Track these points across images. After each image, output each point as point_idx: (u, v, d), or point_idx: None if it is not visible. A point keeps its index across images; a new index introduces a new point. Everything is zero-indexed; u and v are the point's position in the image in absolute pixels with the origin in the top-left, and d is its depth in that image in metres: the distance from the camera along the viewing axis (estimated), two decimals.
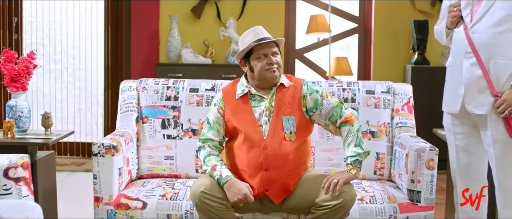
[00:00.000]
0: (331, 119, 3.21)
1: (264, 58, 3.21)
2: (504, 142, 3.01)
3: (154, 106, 3.80)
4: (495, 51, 2.97)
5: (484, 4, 3.01)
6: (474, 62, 3.02)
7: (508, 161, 3.02)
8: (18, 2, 6.38)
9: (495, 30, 2.98)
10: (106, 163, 3.33)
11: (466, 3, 3.09)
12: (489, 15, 3.00)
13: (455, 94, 3.13)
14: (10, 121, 3.36)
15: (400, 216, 3.27)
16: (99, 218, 3.34)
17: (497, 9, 2.98)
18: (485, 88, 3.00)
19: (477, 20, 3.03)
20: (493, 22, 2.99)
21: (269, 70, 3.20)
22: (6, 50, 3.47)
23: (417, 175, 3.30)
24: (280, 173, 3.11)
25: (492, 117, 3.00)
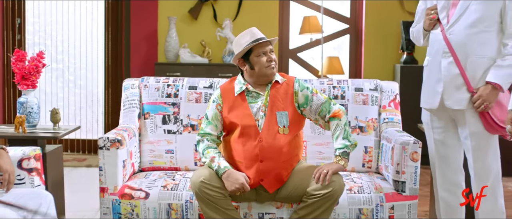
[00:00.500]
0: (320, 114, 3.42)
1: (264, 56, 3.42)
2: (479, 134, 3.24)
3: (155, 103, 4.00)
4: (471, 51, 3.19)
5: (459, 7, 3.23)
6: (451, 61, 3.24)
7: (483, 151, 3.25)
8: (21, 4, 6.52)
9: (470, 31, 3.20)
10: (111, 156, 3.53)
11: (442, 7, 3.31)
12: (465, 17, 3.21)
13: (433, 91, 3.35)
14: (22, 116, 3.57)
15: (386, 205, 3.49)
16: (105, 207, 3.55)
17: (472, 11, 3.20)
18: (462, 85, 3.23)
19: (453, 22, 3.25)
20: (468, 24, 3.21)
21: (269, 67, 3.41)
22: (17, 50, 3.68)
23: (402, 167, 3.52)
24: (274, 164, 3.32)
25: (469, 111, 3.23)
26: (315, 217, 3.29)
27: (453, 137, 3.40)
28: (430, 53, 3.44)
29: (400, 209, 3.50)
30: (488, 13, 3.19)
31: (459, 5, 3.23)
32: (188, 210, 3.48)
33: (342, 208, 3.46)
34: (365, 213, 3.47)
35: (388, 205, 3.49)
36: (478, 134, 3.24)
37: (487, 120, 3.19)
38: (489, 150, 3.28)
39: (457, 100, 3.25)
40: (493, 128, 3.19)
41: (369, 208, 3.47)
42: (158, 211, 3.50)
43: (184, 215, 3.49)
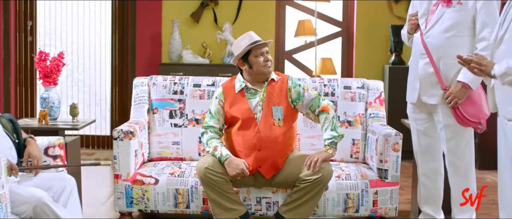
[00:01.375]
0: (311, 108, 3.80)
1: (261, 56, 3.78)
2: (452, 127, 3.61)
3: (162, 99, 4.37)
4: (444, 53, 3.57)
5: (436, 14, 3.61)
6: (427, 62, 3.63)
7: (456, 142, 3.62)
8: (32, 7, 6.76)
9: (444, 36, 3.58)
10: (125, 146, 3.92)
11: (422, 13, 3.69)
12: (440, 23, 3.59)
13: (413, 87, 3.74)
14: (45, 110, 3.96)
15: (370, 190, 3.88)
16: (119, 191, 3.93)
17: (446, 18, 3.58)
18: (436, 83, 3.61)
19: (430, 27, 3.63)
20: (443, 29, 3.58)
21: (266, 66, 3.77)
22: (41, 51, 4.06)
23: (384, 156, 3.91)
24: (270, 153, 3.70)
25: (442, 106, 3.61)
26: (307, 200, 3.68)
27: (433, 128, 3.75)
28: (412, 54, 3.82)
29: (383, 194, 3.89)
30: (460, 20, 3.55)
31: (436, 12, 3.61)
32: (193, 194, 3.87)
33: (331, 193, 3.86)
34: (351, 197, 3.87)
35: (372, 191, 3.88)
36: (451, 126, 3.61)
37: (458, 115, 3.56)
38: (462, 141, 3.64)
39: (432, 96, 3.63)
40: (464, 122, 3.57)
41: (355, 193, 3.87)
42: (166, 196, 3.88)
43: (189, 199, 3.88)
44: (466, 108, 3.55)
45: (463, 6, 3.54)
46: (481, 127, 3.54)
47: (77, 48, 6.84)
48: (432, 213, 3.85)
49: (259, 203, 3.85)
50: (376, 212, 3.90)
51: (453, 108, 3.56)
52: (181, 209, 3.90)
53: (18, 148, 3.31)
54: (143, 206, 3.91)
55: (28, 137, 3.39)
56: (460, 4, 3.53)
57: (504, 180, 3.02)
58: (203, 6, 6.64)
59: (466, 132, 3.65)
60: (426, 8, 3.68)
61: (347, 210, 3.88)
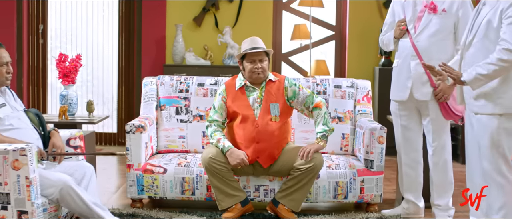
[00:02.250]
0: (305, 105, 4.22)
1: (252, 63, 4.19)
2: (439, 120, 4.00)
3: (169, 97, 4.78)
4: (432, 55, 3.95)
5: (423, 20, 4.01)
6: (418, 63, 4.02)
7: (440, 133, 4.01)
8: (44, 12, 7.10)
9: (432, 40, 3.98)
10: (136, 139, 4.32)
11: (410, 20, 4.08)
12: (428, 28, 3.99)
13: (404, 87, 4.09)
14: (65, 106, 4.37)
15: (358, 179, 4.29)
16: (131, 180, 4.34)
17: (433, 24, 3.98)
18: (426, 81, 3.99)
19: (419, 32, 4.02)
20: (430, 34, 3.98)
21: (254, 73, 4.18)
22: (61, 53, 4.47)
23: (370, 148, 4.32)
24: (268, 145, 4.12)
25: (431, 102, 3.99)
26: (300, 187, 4.09)
27: (415, 123, 4.16)
28: (400, 56, 4.18)
29: (369, 182, 4.31)
30: (444, 26, 3.95)
31: (423, 19, 4.01)
32: (198, 182, 4.28)
33: (322, 181, 4.27)
34: (341, 185, 4.29)
35: (359, 179, 4.30)
36: (437, 119, 4.01)
37: (446, 109, 3.94)
38: (444, 132, 4.05)
39: (423, 93, 4.02)
40: (449, 115, 3.95)
41: (344, 181, 4.28)
42: (174, 184, 4.29)
43: (195, 187, 4.29)
44: (451, 103, 3.94)
45: (447, 13, 3.95)
46: (462, 120, 3.95)
47: (86, 50, 7.15)
48: (413, 200, 4.25)
49: (258, 190, 4.26)
50: (363, 198, 4.31)
51: (441, 103, 3.94)
52: (187, 196, 4.30)
53: (44, 139, 3.71)
54: (153, 193, 4.31)
55: (52, 129, 3.80)
56: (444, 12, 3.94)
57: (471, 165, 3.44)
58: (205, 11, 6.94)
59: (447, 125, 4.07)
60: (413, 14, 4.08)
61: (337, 197, 4.29)
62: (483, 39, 3.32)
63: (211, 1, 6.93)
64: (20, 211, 3.28)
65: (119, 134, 7.23)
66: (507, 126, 3.29)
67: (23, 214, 3.29)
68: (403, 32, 4.14)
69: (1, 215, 3.30)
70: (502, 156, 3.31)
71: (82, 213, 3.50)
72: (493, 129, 3.29)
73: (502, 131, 3.29)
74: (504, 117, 3.28)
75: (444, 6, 3.96)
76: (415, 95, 4.07)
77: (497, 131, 3.29)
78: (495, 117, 3.29)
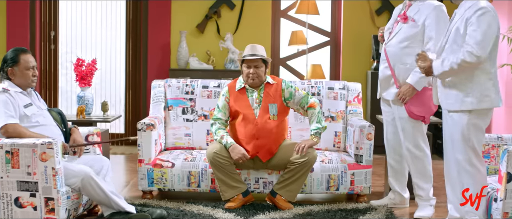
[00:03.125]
0: (301, 105, 4.65)
1: (248, 69, 4.61)
2: (405, 119, 4.39)
3: (176, 98, 5.19)
4: (399, 59, 4.36)
5: (395, 28, 4.44)
6: (386, 66, 4.43)
7: (408, 130, 4.39)
8: (55, 19, 7.45)
9: (399, 46, 4.38)
10: (147, 136, 4.73)
11: (387, 28, 4.52)
12: (397, 36, 4.40)
13: (379, 87, 4.56)
14: (82, 106, 4.80)
15: (348, 172, 4.71)
16: (142, 173, 4.75)
17: (402, 32, 4.39)
18: (392, 83, 4.41)
19: (390, 39, 4.45)
20: (398, 40, 4.39)
21: (249, 78, 4.60)
22: (78, 58, 4.90)
23: (360, 144, 4.74)
24: (266, 141, 4.54)
25: (396, 101, 4.40)
26: (296, 179, 4.51)
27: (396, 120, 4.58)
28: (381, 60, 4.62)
29: (358, 175, 4.73)
30: (412, 33, 4.34)
31: (396, 27, 4.44)
32: (203, 176, 4.70)
33: (316, 174, 4.69)
34: (333, 178, 4.70)
35: (350, 172, 4.72)
36: (403, 118, 4.39)
37: (407, 109, 4.36)
38: (414, 130, 4.38)
39: (389, 93, 4.44)
40: (411, 115, 4.33)
41: (336, 174, 4.70)
42: (181, 177, 4.71)
43: (200, 180, 4.70)
44: (413, 105, 4.32)
45: (415, 22, 4.35)
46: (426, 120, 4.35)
47: (95, 56, 7.40)
48: (399, 191, 4.67)
49: (257, 183, 4.68)
50: (353, 190, 4.73)
51: (405, 104, 4.35)
52: (193, 188, 4.72)
53: (65, 135, 4.13)
54: (162, 185, 4.73)
55: (73, 126, 4.22)
56: (413, 21, 4.35)
57: (448, 157, 3.87)
58: (207, 18, 7.28)
59: (418, 124, 4.41)
60: (391, 23, 4.52)
61: (330, 188, 4.71)
62: (452, 44, 3.75)
63: (213, 9, 7.27)
64: (47, 198, 3.70)
65: (127, 133, 7.61)
66: (476, 122, 3.72)
67: (50, 201, 3.70)
68: (381, 39, 4.57)
69: (30, 201, 3.71)
70: (472, 149, 3.74)
71: (101, 200, 3.92)
72: (464, 125, 3.72)
73: (471, 126, 3.72)
74: (473, 113, 3.70)
75: (414, 16, 4.36)
76: (382, 95, 4.49)
77: (467, 127, 3.71)
78: (465, 114, 3.71)
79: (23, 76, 3.99)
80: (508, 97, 6.13)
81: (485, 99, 3.71)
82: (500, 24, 6.04)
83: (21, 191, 3.71)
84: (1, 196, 3.71)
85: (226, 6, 7.35)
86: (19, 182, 3.70)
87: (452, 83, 3.78)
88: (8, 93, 3.89)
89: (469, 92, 3.71)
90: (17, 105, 3.89)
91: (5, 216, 3.73)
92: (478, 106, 3.70)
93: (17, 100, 3.90)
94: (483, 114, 3.75)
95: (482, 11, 3.68)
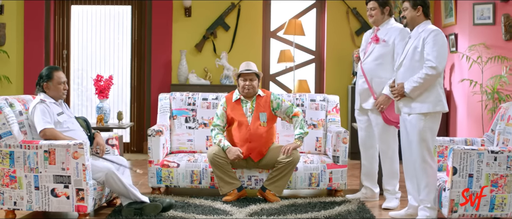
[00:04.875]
0: (286, 114, 5.47)
1: (244, 81, 5.42)
2: (381, 125, 5.22)
3: (180, 109, 6.00)
4: (374, 75, 5.20)
5: (369, 49, 5.26)
6: (364, 81, 5.27)
7: (384, 135, 5.21)
8: (68, 39, 8.15)
9: (374, 63, 5.20)
10: (156, 141, 5.53)
11: (362, 49, 5.36)
12: (371, 55, 5.22)
13: (357, 98, 5.38)
14: (101, 115, 5.62)
15: (327, 171, 5.51)
16: (152, 172, 5.54)
17: (375, 51, 5.20)
18: (370, 95, 5.25)
19: (365, 58, 5.28)
20: (373, 59, 5.21)
21: (245, 89, 5.39)
22: (98, 75, 5.72)
23: (337, 147, 5.56)
24: (258, 144, 5.35)
25: (374, 110, 5.24)
26: (282, 176, 5.31)
27: (370, 126, 5.37)
28: (357, 76, 5.45)
29: (336, 173, 5.54)
30: (384, 52, 5.16)
31: (370, 47, 5.26)
32: (204, 174, 5.50)
33: (300, 172, 5.50)
34: (314, 175, 5.51)
35: (328, 171, 5.53)
36: (380, 124, 5.23)
37: (384, 117, 5.20)
38: (388, 134, 5.23)
39: (368, 103, 5.26)
40: (388, 121, 5.18)
41: (317, 172, 5.51)
42: (185, 175, 5.51)
43: (201, 177, 5.50)
44: (388, 113, 5.17)
45: (386, 43, 5.19)
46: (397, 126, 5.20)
47: (103, 72, 8.05)
48: (370, 186, 5.49)
49: (250, 180, 5.49)
50: (331, 186, 5.54)
51: (381, 111, 5.20)
52: (195, 185, 5.52)
53: (90, 139, 4.94)
54: (169, 183, 5.53)
55: (96, 132, 5.04)
56: (384, 42, 5.20)
57: (406, 157, 4.70)
58: (205, 38, 7.95)
59: (390, 129, 5.25)
60: (365, 45, 5.37)
61: (311, 185, 5.52)
62: (410, 60, 4.59)
63: (210, 30, 7.97)
64: (78, 189, 4.50)
65: (132, 143, 8.35)
66: (430, 126, 4.55)
67: (80, 191, 4.50)
68: (357, 59, 5.40)
69: (64, 192, 4.51)
70: (426, 149, 4.57)
71: (121, 192, 4.72)
72: (421, 128, 4.55)
73: (427, 129, 4.55)
74: (429, 117, 4.53)
75: (385, 37, 5.20)
76: (363, 105, 5.30)
77: (423, 129, 4.55)
78: (422, 119, 4.54)
79: (56, 90, 4.79)
80: (469, 107, 6.97)
81: (439, 104, 4.54)
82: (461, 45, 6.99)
83: (57, 183, 4.50)
84: (40, 187, 4.51)
85: (221, 27, 8.02)
86: (55, 176, 4.49)
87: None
88: (45, 103, 4.70)
89: (426, 99, 4.53)
90: (52, 114, 4.69)
91: (43, 204, 4.53)
92: (434, 110, 4.52)
93: (51, 109, 4.71)
94: (436, 118, 4.58)
95: (436, 32, 4.53)
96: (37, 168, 4.49)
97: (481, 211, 4.47)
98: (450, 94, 7.48)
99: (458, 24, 7.26)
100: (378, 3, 5.19)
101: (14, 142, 4.49)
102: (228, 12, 8.03)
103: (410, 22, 4.68)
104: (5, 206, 4.58)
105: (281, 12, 8.39)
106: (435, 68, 4.46)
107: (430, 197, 4.60)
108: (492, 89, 6.48)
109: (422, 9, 4.61)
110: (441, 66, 4.48)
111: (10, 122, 4.52)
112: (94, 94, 7.97)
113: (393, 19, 5.27)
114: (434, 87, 4.55)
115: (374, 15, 5.21)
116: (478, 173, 4.42)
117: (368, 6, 5.27)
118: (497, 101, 6.43)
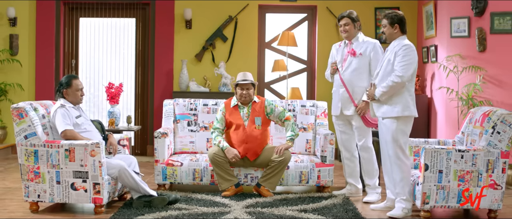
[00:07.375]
0: (279, 118, 6.06)
1: (240, 90, 6.01)
2: (361, 128, 5.82)
3: (183, 114, 6.60)
4: (354, 84, 5.79)
5: (347, 61, 5.79)
6: (344, 90, 5.86)
7: (363, 136, 5.80)
8: (76, 49, 8.62)
9: (353, 74, 5.78)
10: (161, 142, 6.11)
11: (339, 61, 5.91)
12: (350, 67, 5.79)
13: (336, 106, 5.94)
14: (112, 119, 6.21)
15: (316, 169, 6.10)
16: (158, 171, 6.13)
17: (353, 63, 5.78)
18: (350, 102, 5.84)
19: (344, 69, 5.86)
20: (351, 70, 5.78)
21: (242, 97, 5.98)
22: (110, 82, 6.31)
23: (324, 147, 6.16)
24: (253, 145, 5.94)
25: (355, 116, 5.84)
26: (275, 174, 5.89)
27: (349, 129, 5.98)
28: (335, 86, 5.95)
29: (324, 171, 6.13)
30: (361, 64, 5.73)
31: (347, 60, 5.83)
32: (205, 172, 6.09)
33: (291, 170, 6.08)
34: (304, 173, 6.11)
35: (317, 169, 6.13)
36: (360, 128, 5.83)
37: (365, 120, 5.80)
38: (367, 135, 5.84)
39: (349, 110, 5.87)
40: (368, 124, 5.78)
41: (306, 171, 6.11)
42: (188, 173, 6.09)
43: (202, 175, 6.09)
44: (368, 116, 5.77)
45: (363, 56, 5.79)
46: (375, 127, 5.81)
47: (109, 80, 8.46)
48: (354, 183, 6.08)
49: (246, 177, 6.07)
50: (319, 183, 6.13)
51: (362, 116, 5.80)
52: (197, 182, 6.10)
53: (104, 139, 5.53)
54: (173, 180, 6.11)
55: (109, 133, 5.63)
56: (361, 55, 5.80)
57: (383, 155, 5.32)
58: (204, 49, 8.37)
59: (369, 131, 5.85)
60: (342, 57, 5.93)
61: (301, 182, 6.11)
62: (384, 71, 5.20)
63: (209, 41, 8.40)
64: (94, 183, 5.09)
65: (136, 146, 8.88)
66: (402, 128, 5.16)
67: (97, 185, 5.09)
68: (335, 70, 5.98)
69: (82, 186, 5.09)
70: (399, 148, 5.17)
71: (132, 186, 5.31)
72: (393, 130, 5.16)
73: (399, 131, 5.16)
74: (400, 121, 5.14)
75: (361, 51, 5.80)
76: (344, 112, 5.86)
77: (396, 131, 5.16)
78: (394, 122, 5.15)
79: (74, 96, 5.39)
80: (447, 112, 7.58)
81: (407, 109, 5.15)
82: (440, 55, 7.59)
83: (76, 178, 5.08)
84: (61, 181, 5.10)
85: (220, 39, 8.45)
86: (74, 171, 5.08)
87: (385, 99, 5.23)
88: (65, 108, 5.29)
89: (396, 104, 5.13)
90: (71, 117, 5.28)
91: (64, 196, 5.12)
92: (402, 114, 5.13)
93: (71, 113, 5.30)
94: (407, 121, 5.19)
95: (406, 47, 5.14)
96: (59, 165, 5.06)
97: (450, 202, 5.06)
98: (431, 101, 8.08)
99: (438, 36, 7.87)
100: (351, 19, 5.79)
101: (38, 142, 5.07)
102: (226, 25, 8.44)
103: (388, 38, 5.29)
104: (30, 198, 5.16)
105: (275, 24, 8.74)
106: (401, 77, 5.05)
107: (405, 190, 5.19)
108: (467, 96, 7.08)
109: (399, 27, 5.21)
110: (406, 76, 5.05)
111: (34, 124, 5.10)
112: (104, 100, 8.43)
113: (362, 33, 5.83)
114: (402, 94, 5.13)
115: (348, 30, 5.79)
116: (447, 169, 5.01)
117: (341, 22, 5.83)
118: (471, 107, 7.03)
